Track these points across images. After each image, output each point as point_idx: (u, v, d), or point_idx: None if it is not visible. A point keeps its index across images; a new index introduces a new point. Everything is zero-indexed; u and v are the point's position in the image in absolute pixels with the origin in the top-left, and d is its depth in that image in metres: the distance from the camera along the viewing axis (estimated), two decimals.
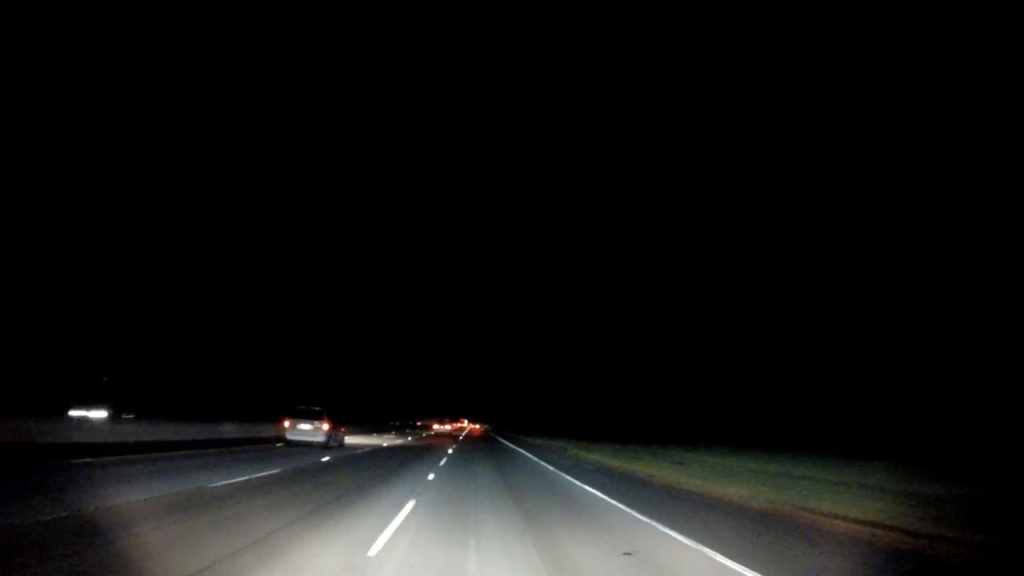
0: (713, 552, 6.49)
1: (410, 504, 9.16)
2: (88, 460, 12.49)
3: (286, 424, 21.28)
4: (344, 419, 25.90)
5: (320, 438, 20.82)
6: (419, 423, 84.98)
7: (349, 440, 27.43)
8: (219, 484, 10.09)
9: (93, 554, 5.13)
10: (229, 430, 23.97)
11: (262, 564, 5.16)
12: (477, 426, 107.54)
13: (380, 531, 6.91)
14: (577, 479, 15.20)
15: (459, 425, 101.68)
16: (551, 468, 18.93)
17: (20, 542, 5.33)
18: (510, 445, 39.70)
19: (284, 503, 8.69)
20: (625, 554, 6.31)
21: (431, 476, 14.12)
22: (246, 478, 11.32)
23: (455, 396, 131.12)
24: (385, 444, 30.72)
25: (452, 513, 8.67)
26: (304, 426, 20.96)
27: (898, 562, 6.24)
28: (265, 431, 26.54)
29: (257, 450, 19.74)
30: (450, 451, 26.35)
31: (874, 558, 6.63)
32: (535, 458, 24.45)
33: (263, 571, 4.97)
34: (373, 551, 5.92)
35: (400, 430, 63.38)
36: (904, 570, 5.87)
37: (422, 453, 24.06)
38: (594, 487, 13.17)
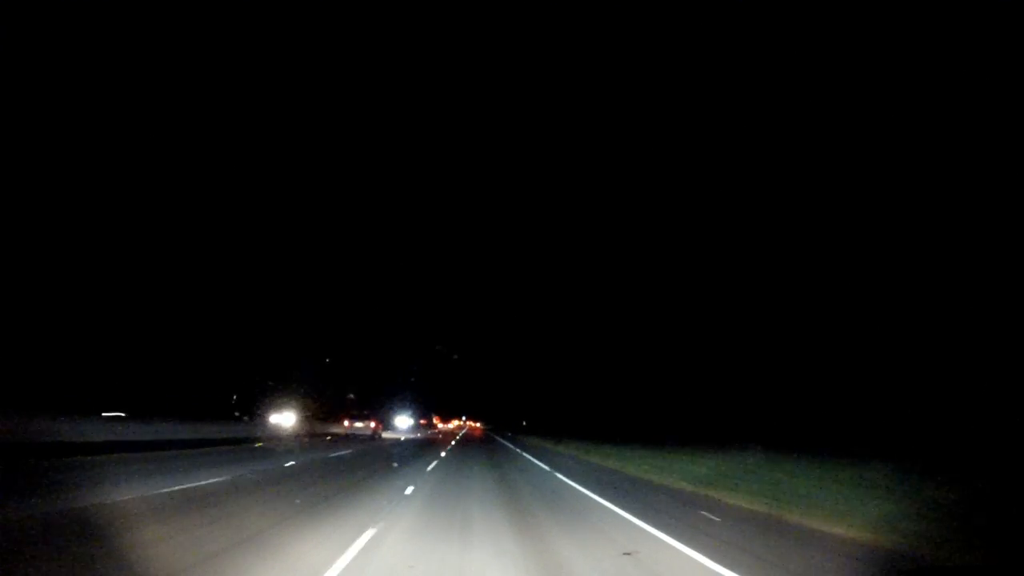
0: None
1: (435, 461, 19.70)
2: (257, 447, 23.04)
3: (345, 423, 31.95)
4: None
5: (368, 432, 31.52)
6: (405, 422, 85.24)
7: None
8: (338, 454, 20.66)
9: (323, 474, 15.67)
10: None
11: (394, 475, 15.60)
12: (477, 424, 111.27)
13: (428, 465, 17.49)
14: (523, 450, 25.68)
15: (459, 424, 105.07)
16: (511, 445, 29.39)
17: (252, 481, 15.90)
18: (503, 441, 50.07)
19: (373, 459, 19.24)
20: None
21: (443, 453, 24.68)
22: (349, 451, 21.90)
23: (453, 395, 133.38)
24: (403, 438, 41.42)
25: (458, 463, 19.27)
26: (359, 424, 31.68)
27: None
28: (317, 428, 37.01)
29: (330, 440, 30.20)
30: (453, 442, 36.86)
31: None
32: (509, 443, 34.91)
33: (398, 474, 15.45)
34: (428, 469, 16.51)
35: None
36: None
37: (433, 443, 34.60)
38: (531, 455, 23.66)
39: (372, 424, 32.04)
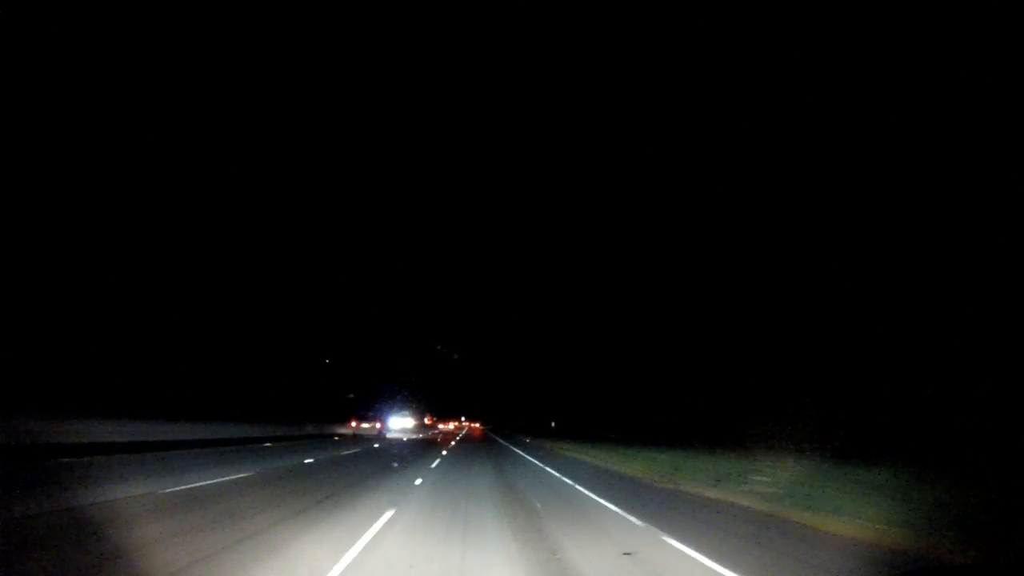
0: None
1: (444, 451, 22.30)
2: (268, 445, 25.40)
3: (352, 424, 34.38)
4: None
5: (374, 432, 34.02)
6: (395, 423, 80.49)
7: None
8: (351, 451, 23.15)
9: (341, 469, 18.21)
10: (309, 430, 36.73)
11: (418, 464, 18.20)
12: (477, 424, 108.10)
13: (441, 452, 20.13)
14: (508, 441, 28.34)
15: (457, 424, 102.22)
16: (507, 444, 32.01)
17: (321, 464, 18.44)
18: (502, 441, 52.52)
19: (391, 454, 21.80)
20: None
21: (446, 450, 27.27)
22: (361, 448, 24.41)
23: (452, 396, 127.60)
24: (405, 438, 43.78)
25: (463, 454, 21.91)
26: (365, 425, 34.16)
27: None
28: (325, 429, 39.11)
29: (337, 440, 32.48)
30: (456, 439, 39.35)
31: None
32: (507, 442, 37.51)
33: (422, 461, 18.04)
34: (450, 447, 19.15)
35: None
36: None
37: (436, 441, 37.10)
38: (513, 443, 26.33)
39: (377, 425, 34.57)
